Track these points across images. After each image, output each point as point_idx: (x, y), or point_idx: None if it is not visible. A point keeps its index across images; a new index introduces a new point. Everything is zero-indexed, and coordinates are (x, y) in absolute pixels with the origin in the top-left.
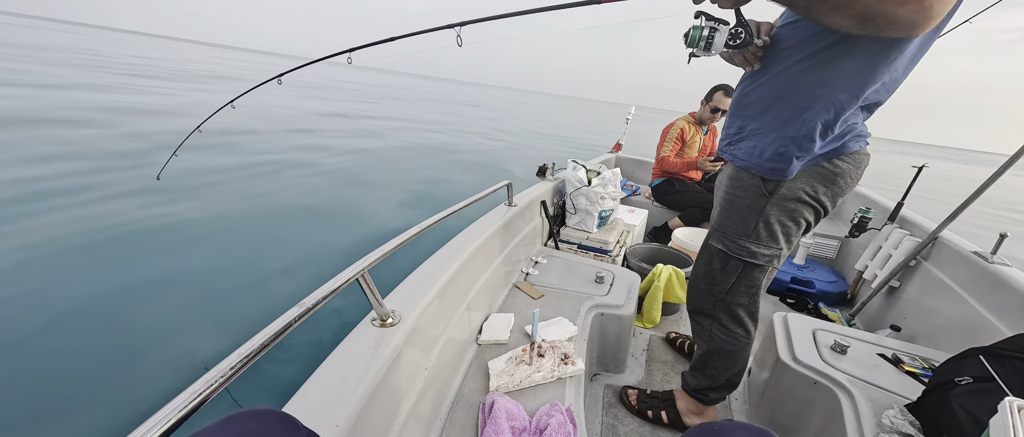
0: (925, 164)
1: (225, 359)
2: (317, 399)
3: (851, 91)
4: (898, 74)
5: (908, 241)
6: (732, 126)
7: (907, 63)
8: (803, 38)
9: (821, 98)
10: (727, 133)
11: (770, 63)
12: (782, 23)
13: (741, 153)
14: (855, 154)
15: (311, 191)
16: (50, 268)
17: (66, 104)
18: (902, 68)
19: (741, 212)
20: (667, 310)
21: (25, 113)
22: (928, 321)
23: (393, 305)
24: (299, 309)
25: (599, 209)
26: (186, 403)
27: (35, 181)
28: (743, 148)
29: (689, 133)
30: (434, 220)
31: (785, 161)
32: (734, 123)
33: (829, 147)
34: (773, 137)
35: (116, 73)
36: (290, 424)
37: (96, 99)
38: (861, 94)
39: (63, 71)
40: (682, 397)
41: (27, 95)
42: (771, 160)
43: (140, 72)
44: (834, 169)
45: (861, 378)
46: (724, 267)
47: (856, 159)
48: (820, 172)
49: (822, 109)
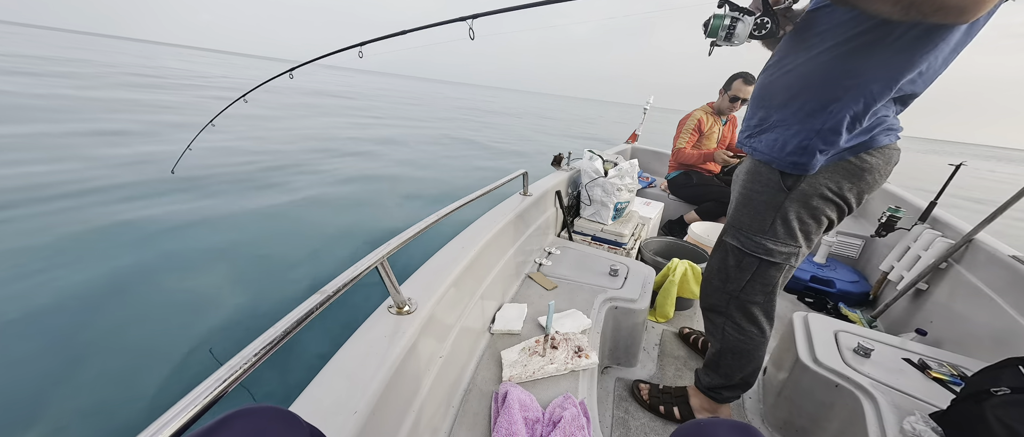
0: (963, 162)
1: (248, 345)
2: (336, 384)
3: (885, 81)
4: (937, 64)
5: (940, 242)
6: (754, 117)
7: (949, 52)
8: (836, 24)
9: (851, 89)
10: (748, 124)
11: (798, 50)
12: (813, 6)
13: (761, 146)
14: (884, 148)
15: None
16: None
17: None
18: (943, 58)
19: (758, 207)
20: (681, 305)
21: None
22: (958, 327)
23: (409, 293)
24: (320, 296)
25: (615, 201)
26: (214, 387)
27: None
28: (764, 141)
29: (707, 124)
30: (450, 209)
31: (808, 155)
32: (755, 114)
33: (856, 140)
34: (797, 129)
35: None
36: (292, 421)
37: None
38: (895, 84)
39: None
40: (695, 394)
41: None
42: (793, 154)
43: (165, 84)
44: (861, 164)
45: (885, 383)
46: (739, 264)
47: (885, 154)
48: (845, 167)
49: (851, 100)
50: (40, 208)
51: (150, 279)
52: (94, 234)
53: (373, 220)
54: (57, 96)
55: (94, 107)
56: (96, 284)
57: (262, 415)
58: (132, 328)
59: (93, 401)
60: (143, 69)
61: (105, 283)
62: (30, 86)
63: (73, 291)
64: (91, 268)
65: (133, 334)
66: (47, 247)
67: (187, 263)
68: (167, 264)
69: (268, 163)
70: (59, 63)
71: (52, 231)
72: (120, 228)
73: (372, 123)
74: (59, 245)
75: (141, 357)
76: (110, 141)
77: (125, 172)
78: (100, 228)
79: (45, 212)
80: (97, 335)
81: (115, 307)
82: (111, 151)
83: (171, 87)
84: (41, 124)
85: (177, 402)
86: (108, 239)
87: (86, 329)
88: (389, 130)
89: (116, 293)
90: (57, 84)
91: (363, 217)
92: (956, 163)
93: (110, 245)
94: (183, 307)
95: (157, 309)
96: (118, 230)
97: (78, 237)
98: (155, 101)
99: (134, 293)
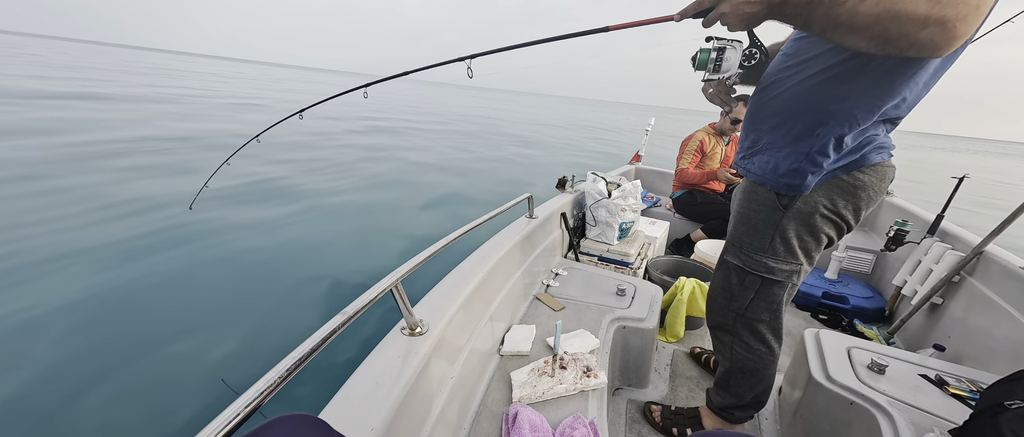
0: (966, 175)
1: (279, 363)
2: (353, 403)
3: (867, 107)
4: (919, 89)
5: (950, 255)
6: (747, 139)
7: (929, 78)
8: (819, 53)
9: (836, 114)
10: (742, 146)
11: (784, 75)
12: (796, 36)
13: (755, 167)
14: (877, 166)
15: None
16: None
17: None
18: (923, 83)
19: (757, 226)
20: (691, 324)
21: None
22: (976, 341)
23: (420, 315)
24: (342, 317)
25: (620, 221)
26: (244, 406)
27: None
28: (757, 163)
29: (709, 145)
30: (459, 233)
31: (800, 176)
32: (748, 136)
33: (846, 160)
34: (786, 152)
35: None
36: (324, 429)
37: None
38: (878, 110)
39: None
40: (708, 415)
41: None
42: (786, 175)
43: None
44: (854, 182)
45: (902, 400)
46: (742, 282)
47: (878, 171)
48: (839, 185)
49: (837, 125)
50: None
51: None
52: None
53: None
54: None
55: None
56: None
57: (300, 422)
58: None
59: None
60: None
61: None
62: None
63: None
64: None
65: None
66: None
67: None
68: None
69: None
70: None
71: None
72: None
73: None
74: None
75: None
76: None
77: (144, 215)
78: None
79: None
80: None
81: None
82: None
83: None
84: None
85: (223, 411)
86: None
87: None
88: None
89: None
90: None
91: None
92: (959, 176)
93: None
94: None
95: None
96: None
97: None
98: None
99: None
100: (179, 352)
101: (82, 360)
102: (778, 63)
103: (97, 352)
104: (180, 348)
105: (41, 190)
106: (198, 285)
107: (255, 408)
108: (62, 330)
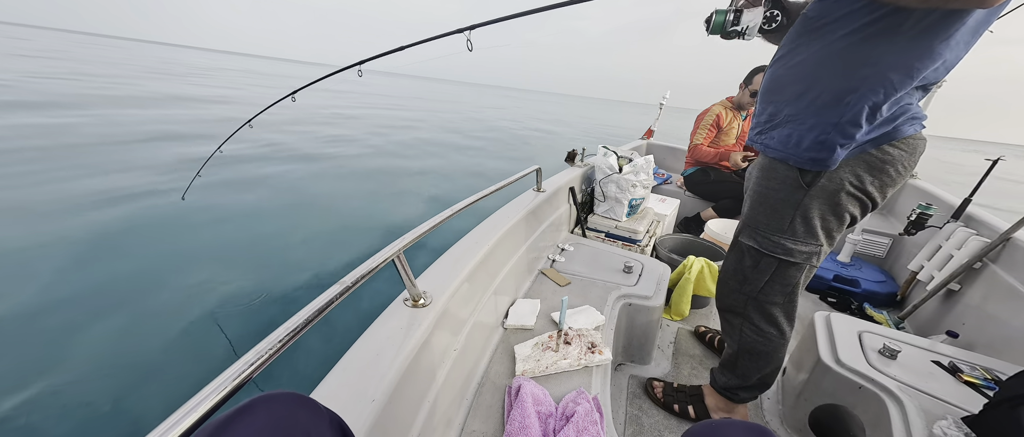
0: (1001, 157)
1: (273, 332)
2: (354, 373)
3: (905, 70)
4: (959, 50)
5: (974, 241)
6: (763, 113)
7: (969, 37)
8: (847, 12)
9: (868, 79)
10: (757, 121)
11: (807, 41)
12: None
13: (774, 142)
14: (909, 139)
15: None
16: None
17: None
18: (963, 43)
19: (775, 206)
20: (696, 303)
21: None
22: (992, 329)
23: (424, 286)
24: (339, 286)
25: (629, 197)
26: (240, 372)
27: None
28: (776, 137)
29: (726, 119)
30: (464, 204)
31: (827, 150)
32: (765, 109)
33: (878, 132)
34: (812, 123)
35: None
36: (311, 407)
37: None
38: (918, 74)
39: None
40: (711, 394)
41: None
42: (810, 149)
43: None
44: (883, 156)
45: (913, 386)
46: (756, 265)
47: (910, 144)
48: (867, 160)
49: (869, 91)
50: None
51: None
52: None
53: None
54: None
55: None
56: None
57: (282, 401)
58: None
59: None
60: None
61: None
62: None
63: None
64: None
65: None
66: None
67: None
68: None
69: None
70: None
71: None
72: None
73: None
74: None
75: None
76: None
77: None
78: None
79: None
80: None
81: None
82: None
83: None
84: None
85: (200, 390)
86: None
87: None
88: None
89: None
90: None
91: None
92: (993, 158)
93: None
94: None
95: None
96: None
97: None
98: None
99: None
100: (173, 312)
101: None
102: (798, 28)
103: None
104: (174, 308)
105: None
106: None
107: (246, 379)
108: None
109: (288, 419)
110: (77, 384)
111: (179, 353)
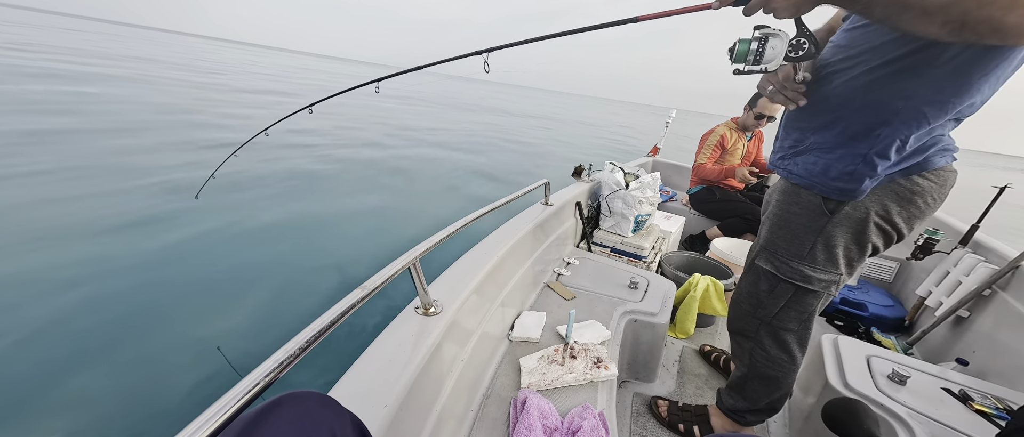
0: (1008, 185)
1: (299, 334)
2: (367, 378)
3: (939, 105)
4: (999, 83)
5: (983, 268)
6: (787, 138)
7: (1011, 72)
8: (878, 44)
9: (901, 112)
10: (781, 145)
11: (837, 71)
12: (848, 26)
13: (798, 168)
14: (940, 171)
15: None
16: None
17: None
18: (1005, 79)
19: (796, 231)
20: (702, 322)
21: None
22: (1003, 358)
23: (433, 295)
24: (362, 291)
25: (636, 213)
26: (268, 372)
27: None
28: (801, 163)
29: (730, 139)
30: (475, 216)
31: (855, 181)
32: (789, 135)
33: (909, 162)
34: (840, 153)
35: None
36: (334, 407)
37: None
38: (951, 109)
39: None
40: (717, 415)
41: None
42: (838, 179)
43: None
44: (912, 187)
45: (923, 412)
46: (772, 289)
47: (941, 176)
48: (895, 190)
49: (902, 125)
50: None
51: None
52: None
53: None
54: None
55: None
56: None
57: (308, 399)
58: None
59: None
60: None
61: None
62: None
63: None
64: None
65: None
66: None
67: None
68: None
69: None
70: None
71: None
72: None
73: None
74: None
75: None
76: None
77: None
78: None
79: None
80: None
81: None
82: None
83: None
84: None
85: (231, 389)
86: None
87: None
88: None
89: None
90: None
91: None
92: (1000, 185)
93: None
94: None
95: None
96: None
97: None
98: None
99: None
100: (191, 329)
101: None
102: (828, 55)
103: (104, 329)
104: (193, 326)
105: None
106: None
107: (273, 379)
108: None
109: (315, 417)
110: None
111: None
